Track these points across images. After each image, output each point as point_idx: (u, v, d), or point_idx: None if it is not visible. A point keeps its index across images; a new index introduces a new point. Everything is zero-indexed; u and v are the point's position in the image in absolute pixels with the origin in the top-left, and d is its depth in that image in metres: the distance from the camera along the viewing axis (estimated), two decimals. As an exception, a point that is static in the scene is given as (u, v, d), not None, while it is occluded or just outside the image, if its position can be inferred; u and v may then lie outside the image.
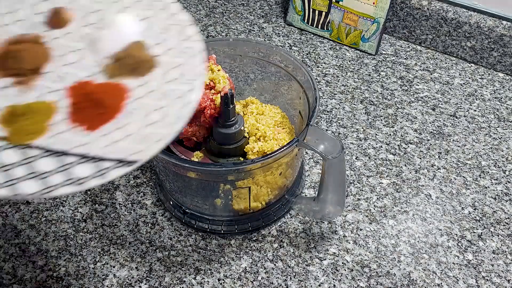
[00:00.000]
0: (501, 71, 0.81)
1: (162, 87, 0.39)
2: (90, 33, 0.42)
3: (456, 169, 0.68)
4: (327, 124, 0.73)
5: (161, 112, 0.38)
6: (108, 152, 0.36)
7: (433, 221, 0.62)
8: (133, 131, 0.37)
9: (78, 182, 0.34)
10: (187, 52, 0.41)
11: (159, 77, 0.39)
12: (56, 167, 0.35)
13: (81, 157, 0.36)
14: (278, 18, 0.91)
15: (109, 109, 0.38)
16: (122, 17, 0.42)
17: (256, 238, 0.61)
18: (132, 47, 0.41)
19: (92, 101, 0.38)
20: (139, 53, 0.40)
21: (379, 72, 0.81)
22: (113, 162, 0.35)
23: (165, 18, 0.42)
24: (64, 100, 0.38)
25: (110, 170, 0.35)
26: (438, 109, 0.76)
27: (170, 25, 0.42)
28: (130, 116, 0.38)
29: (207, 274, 0.57)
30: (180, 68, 0.40)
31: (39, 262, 0.59)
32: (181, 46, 0.41)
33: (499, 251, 0.60)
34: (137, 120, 0.37)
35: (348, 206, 0.64)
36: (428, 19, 0.82)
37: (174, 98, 0.38)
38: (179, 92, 0.38)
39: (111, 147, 0.36)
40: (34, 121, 0.37)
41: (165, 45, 0.41)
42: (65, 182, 0.34)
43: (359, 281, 0.57)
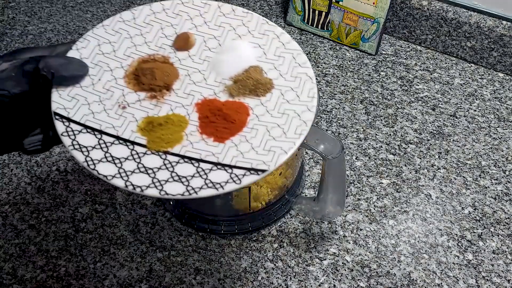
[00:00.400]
0: (501, 71, 0.81)
1: (280, 107, 0.44)
2: (211, 56, 0.48)
3: (456, 169, 0.68)
4: (327, 124, 0.73)
5: (281, 129, 0.42)
6: (238, 161, 0.40)
7: (433, 221, 0.62)
8: (257, 144, 0.42)
9: (216, 186, 0.39)
10: (300, 77, 0.46)
11: (276, 98, 0.45)
12: (195, 172, 0.40)
13: (215, 165, 0.40)
14: (278, 18, 0.91)
15: (236, 123, 0.42)
16: (240, 43, 0.48)
17: (256, 238, 0.61)
18: (251, 71, 0.46)
19: (220, 116, 0.43)
20: (258, 76, 0.45)
21: (379, 72, 0.81)
22: (244, 170, 0.40)
23: (277, 46, 0.48)
24: (193, 114, 0.44)
25: (243, 177, 0.39)
26: (438, 109, 0.76)
27: (283, 53, 0.48)
28: (254, 131, 0.42)
29: (207, 274, 0.57)
30: (295, 91, 0.45)
31: (39, 262, 0.59)
32: (294, 71, 0.46)
33: (499, 251, 0.60)
34: (260, 135, 0.42)
35: (348, 206, 0.64)
36: (428, 19, 0.82)
37: (292, 117, 0.43)
38: (295, 112, 0.43)
39: (239, 157, 0.41)
40: (171, 131, 0.42)
41: (279, 70, 0.46)
42: (204, 185, 0.39)
43: (359, 281, 0.57)
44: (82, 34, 0.86)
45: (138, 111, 0.44)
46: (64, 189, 0.65)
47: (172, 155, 0.41)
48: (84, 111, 0.43)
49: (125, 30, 0.49)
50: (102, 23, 0.49)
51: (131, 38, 0.48)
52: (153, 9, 0.50)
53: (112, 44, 0.48)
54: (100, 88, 0.45)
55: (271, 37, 0.49)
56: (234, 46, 0.48)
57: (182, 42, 0.48)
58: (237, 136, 0.42)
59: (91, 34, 0.48)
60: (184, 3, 0.51)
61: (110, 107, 0.44)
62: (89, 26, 0.88)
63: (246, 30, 0.49)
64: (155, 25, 0.50)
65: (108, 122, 0.43)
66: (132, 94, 0.45)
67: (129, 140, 0.42)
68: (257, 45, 0.48)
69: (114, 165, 0.40)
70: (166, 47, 0.48)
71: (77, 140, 0.41)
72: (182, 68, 0.47)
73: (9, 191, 0.65)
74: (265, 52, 0.48)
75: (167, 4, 0.51)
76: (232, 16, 0.50)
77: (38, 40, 0.85)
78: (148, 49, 0.48)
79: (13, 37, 0.86)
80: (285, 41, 0.48)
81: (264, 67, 0.47)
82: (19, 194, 0.65)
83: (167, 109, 0.44)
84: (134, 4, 0.93)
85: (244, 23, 0.50)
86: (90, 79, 0.45)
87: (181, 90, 0.45)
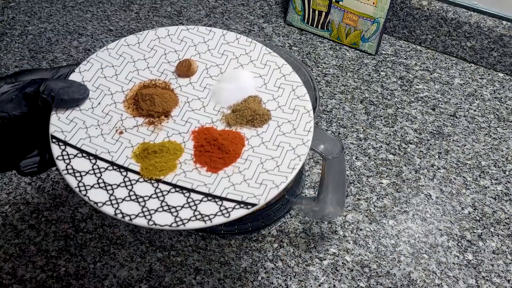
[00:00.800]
0: (501, 71, 0.81)
1: (276, 139, 0.44)
2: (211, 84, 0.48)
3: (456, 169, 0.68)
4: (327, 124, 0.73)
5: (275, 162, 0.42)
6: (228, 193, 0.40)
7: (433, 221, 0.62)
8: (250, 176, 0.42)
9: (205, 218, 0.39)
10: (298, 110, 0.46)
11: (273, 129, 0.45)
12: (185, 203, 0.40)
13: (205, 196, 0.40)
14: (278, 18, 0.91)
15: (230, 154, 0.43)
16: (241, 73, 0.48)
17: (256, 238, 0.61)
18: (250, 101, 0.46)
19: (215, 146, 0.43)
20: (256, 107, 0.46)
21: (379, 72, 0.81)
22: (234, 203, 0.40)
23: (278, 77, 0.48)
24: (189, 142, 0.44)
25: (232, 210, 0.39)
26: (438, 109, 0.76)
27: (283, 84, 0.48)
28: (247, 163, 0.43)
29: (207, 274, 0.57)
30: (292, 123, 0.45)
31: (39, 262, 0.59)
32: (293, 104, 0.47)
33: (499, 251, 0.60)
34: (254, 167, 0.42)
35: (348, 206, 0.64)
36: (428, 19, 0.82)
37: (286, 150, 0.43)
38: (291, 145, 0.44)
39: (231, 189, 0.41)
40: (165, 159, 0.42)
41: (278, 102, 0.47)
42: (192, 217, 0.39)
43: (359, 281, 0.57)
44: (82, 34, 0.86)
45: (135, 137, 0.44)
46: (64, 189, 0.65)
47: (164, 183, 0.41)
48: (81, 135, 0.43)
49: (128, 54, 0.49)
50: (107, 46, 0.49)
51: (134, 62, 0.49)
52: (158, 34, 0.51)
53: (114, 67, 0.48)
54: (99, 112, 0.45)
55: (272, 68, 0.49)
56: (235, 75, 0.48)
57: (184, 68, 0.48)
58: (231, 166, 0.42)
59: (94, 57, 0.48)
60: (189, 29, 0.52)
61: (107, 131, 0.44)
62: (89, 26, 0.88)
63: (248, 59, 0.50)
64: (158, 50, 0.50)
65: (104, 147, 0.43)
66: (130, 119, 0.45)
67: (123, 167, 0.42)
68: (258, 75, 0.49)
69: (106, 191, 0.40)
70: (168, 73, 0.49)
71: (71, 164, 0.41)
72: (182, 95, 0.47)
73: (9, 191, 0.65)
74: (265, 83, 0.48)
75: (172, 30, 0.51)
76: (236, 44, 0.51)
77: (38, 40, 0.85)
78: (150, 74, 0.48)
79: (13, 37, 0.86)
80: (286, 72, 0.49)
81: (263, 98, 0.47)
82: (19, 194, 0.65)
83: (163, 136, 0.44)
84: (134, 4, 0.93)
85: (247, 52, 0.50)
86: (90, 102, 0.45)
87: (179, 117, 0.46)
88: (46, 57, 0.82)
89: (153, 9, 0.92)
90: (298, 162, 0.42)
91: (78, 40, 0.85)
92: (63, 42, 0.85)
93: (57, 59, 0.82)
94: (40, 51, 0.83)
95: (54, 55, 0.83)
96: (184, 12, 0.91)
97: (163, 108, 0.45)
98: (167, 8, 0.92)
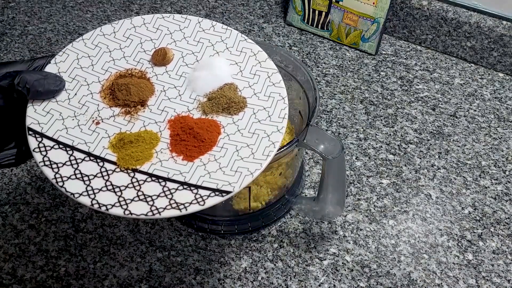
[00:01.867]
0: (501, 71, 0.81)
1: (251, 127, 0.44)
2: (187, 72, 0.48)
3: (456, 169, 0.68)
4: (327, 124, 0.73)
5: (250, 149, 0.43)
6: (204, 181, 0.41)
7: (433, 221, 0.62)
8: (225, 164, 0.42)
9: (180, 207, 0.39)
10: (273, 97, 0.46)
11: (248, 117, 0.45)
12: (160, 192, 0.40)
13: (181, 184, 0.40)
14: (278, 18, 0.91)
15: (206, 142, 0.43)
16: (217, 60, 0.48)
17: (256, 238, 0.61)
18: (226, 89, 0.46)
19: (191, 134, 0.43)
20: (232, 94, 0.46)
21: (379, 72, 0.81)
22: (209, 191, 0.40)
23: (253, 64, 0.48)
24: (165, 131, 0.44)
25: (207, 198, 0.40)
26: (438, 109, 0.76)
27: (258, 71, 0.48)
28: (223, 151, 0.43)
29: (207, 274, 0.57)
30: (267, 110, 0.45)
31: (39, 262, 0.59)
32: (268, 91, 0.47)
33: (499, 251, 0.60)
34: (229, 155, 0.42)
35: (348, 206, 0.64)
36: (428, 19, 0.82)
37: (261, 137, 0.44)
38: (266, 132, 0.44)
39: (206, 177, 0.41)
40: (141, 149, 0.42)
41: (253, 89, 0.47)
42: (168, 206, 0.39)
43: (359, 281, 0.57)
44: (82, 34, 0.86)
45: (111, 127, 0.44)
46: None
47: (140, 173, 0.41)
48: (58, 126, 0.43)
49: (104, 44, 0.49)
50: (82, 37, 0.49)
51: (110, 52, 0.49)
52: (134, 23, 0.51)
53: (90, 58, 0.48)
54: (76, 103, 0.45)
55: (248, 55, 0.49)
56: (211, 63, 0.48)
57: (159, 57, 0.48)
58: (206, 155, 0.43)
59: (70, 48, 0.48)
60: (165, 18, 0.51)
61: (84, 122, 0.44)
62: (89, 26, 0.88)
63: (224, 46, 0.50)
64: (134, 39, 0.50)
65: (80, 138, 0.43)
66: (106, 109, 0.45)
67: (100, 157, 0.42)
68: (234, 62, 0.49)
69: (83, 182, 0.40)
70: (144, 62, 0.49)
71: (48, 156, 0.41)
72: (159, 84, 0.47)
73: (9, 191, 0.65)
74: (241, 70, 0.48)
75: (148, 18, 0.51)
76: (212, 31, 0.51)
77: (38, 40, 0.85)
78: (126, 63, 0.48)
79: (13, 37, 0.86)
80: (261, 59, 0.49)
81: (239, 85, 0.47)
82: (19, 194, 0.65)
83: (140, 125, 0.44)
84: (134, 4, 0.93)
85: (222, 40, 0.50)
86: (66, 93, 0.45)
87: (155, 106, 0.46)
88: (46, 57, 0.82)
89: (153, 9, 0.92)
90: (273, 149, 0.43)
91: (78, 40, 0.85)
92: (63, 42, 0.85)
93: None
94: (40, 51, 0.83)
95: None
96: (184, 12, 0.91)
97: (139, 97, 0.45)
98: (167, 8, 0.92)
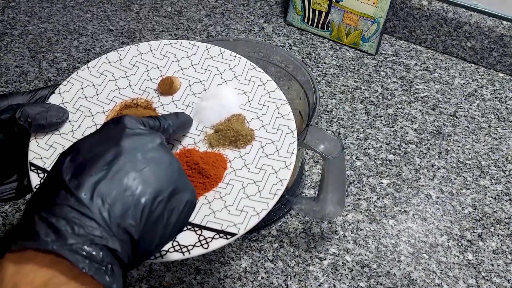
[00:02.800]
0: (501, 71, 0.81)
1: (258, 161, 0.43)
2: (195, 102, 0.47)
3: (456, 169, 0.68)
4: (327, 124, 0.73)
5: (257, 187, 0.41)
6: (208, 221, 0.39)
7: (433, 221, 0.62)
8: (231, 203, 0.40)
9: (183, 250, 0.38)
10: (281, 130, 0.45)
11: (255, 151, 0.44)
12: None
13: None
14: (278, 18, 0.91)
15: (211, 179, 0.41)
16: (225, 90, 0.47)
17: (256, 238, 0.61)
18: (233, 120, 0.45)
19: (196, 170, 0.42)
20: (239, 126, 0.44)
21: (379, 72, 0.81)
22: (214, 232, 0.39)
23: (262, 94, 0.47)
24: None
25: (211, 240, 0.38)
26: (438, 109, 0.76)
27: (267, 102, 0.47)
28: (229, 187, 0.41)
29: (207, 274, 0.57)
30: (275, 144, 0.44)
31: (39, 262, 0.58)
32: (276, 123, 0.45)
33: (499, 251, 0.60)
34: (235, 192, 0.41)
35: (348, 206, 0.64)
36: (428, 19, 0.82)
37: (269, 173, 0.42)
38: (273, 168, 0.42)
39: (211, 217, 0.40)
40: None
41: (262, 121, 0.45)
42: (171, 248, 0.38)
43: (359, 281, 0.57)
44: (82, 34, 0.86)
45: None
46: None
47: None
48: None
49: (110, 72, 0.48)
50: (87, 65, 0.48)
51: (115, 80, 0.47)
52: (140, 50, 0.49)
53: (95, 87, 0.47)
54: (79, 135, 0.43)
55: (257, 84, 0.48)
56: (219, 93, 0.47)
57: (166, 86, 0.47)
58: (212, 192, 0.41)
59: (75, 76, 0.47)
60: (172, 44, 0.50)
61: None
62: (89, 26, 0.88)
63: (232, 75, 0.48)
64: (140, 66, 0.48)
65: None
66: None
67: None
68: (242, 91, 0.47)
69: None
70: (151, 91, 0.47)
71: None
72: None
73: (9, 191, 0.65)
74: (249, 100, 0.47)
75: (155, 45, 0.50)
76: (220, 59, 0.49)
77: (38, 40, 0.85)
78: (131, 92, 0.47)
79: (13, 37, 0.86)
80: (270, 89, 0.47)
81: (247, 116, 0.46)
82: (19, 194, 0.65)
83: None
84: (134, 4, 0.93)
85: (231, 68, 0.49)
86: (70, 125, 0.44)
87: None
88: (46, 57, 0.82)
89: (153, 9, 0.92)
90: (280, 187, 0.41)
91: (78, 40, 0.85)
92: (63, 42, 0.85)
93: (57, 59, 0.82)
94: (40, 51, 0.83)
95: (54, 55, 0.83)
96: (184, 12, 0.91)
97: None
98: (167, 8, 0.92)
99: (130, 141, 0.32)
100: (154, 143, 0.33)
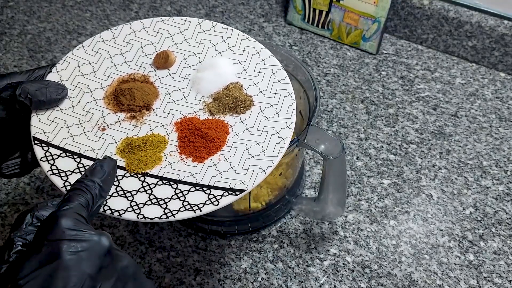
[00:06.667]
0: (503, 71, 0.81)
1: (260, 124, 0.44)
2: (191, 74, 0.48)
3: (458, 169, 0.68)
4: (328, 124, 0.73)
5: (260, 147, 0.42)
6: (216, 181, 0.40)
7: (434, 221, 0.62)
8: (236, 163, 0.42)
9: (194, 208, 0.39)
10: (279, 93, 0.46)
11: (256, 115, 0.45)
12: (173, 194, 0.40)
13: (193, 186, 0.40)
14: (279, 17, 0.90)
15: (215, 142, 0.42)
16: (220, 60, 0.48)
17: (256, 239, 0.60)
18: (231, 88, 0.46)
19: (199, 135, 0.43)
20: (237, 93, 0.45)
21: (380, 71, 0.81)
22: (222, 190, 0.40)
23: (257, 62, 0.48)
24: (173, 134, 0.43)
25: (221, 198, 0.39)
26: (439, 109, 0.75)
27: (263, 69, 0.48)
28: (233, 150, 0.42)
29: (207, 275, 0.57)
30: (274, 107, 0.45)
31: (38, 262, 0.58)
32: (274, 88, 0.46)
33: (500, 251, 0.60)
34: (239, 154, 0.42)
35: (349, 207, 0.63)
36: (429, 19, 0.82)
37: (271, 134, 0.43)
38: (275, 129, 0.43)
39: (218, 177, 0.41)
40: (150, 152, 0.42)
41: (259, 87, 0.47)
42: (182, 208, 0.39)
43: (360, 282, 0.56)
44: (82, 34, 0.86)
45: (118, 132, 0.44)
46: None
47: (150, 177, 0.41)
48: (64, 135, 0.43)
49: (105, 50, 0.49)
50: (82, 44, 0.49)
51: (111, 58, 0.48)
52: (133, 28, 0.50)
53: (92, 65, 0.48)
54: (80, 110, 0.45)
55: (251, 53, 0.49)
56: (214, 63, 0.48)
57: (162, 60, 0.48)
58: (216, 155, 0.42)
59: (70, 55, 0.48)
60: (164, 21, 0.51)
61: (89, 129, 0.44)
62: (88, 26, 0.88)
63: (226, 46, 0.50)
64: (135, 43, 0.50)
65: (87, 145, 0.43)
66: (111, 115, 0.45)
67: None
68: (237, 61, 0.48)
69: None
70: (146, 66, 0.48)
71: (56, 164, 0.41)
72: (162, 87, 0.47)
73: (8, 192, 0.65)
74: (245, 69, 0.48)
75: (147, 22, 0.51)
76: (212, 32, 0.50)
77: (37, 39, 0.85)
78: (128, 68, 0.48)
79: (12, 37, 0.85)
80: (264, 57, 0.48)
81: (244, 84, 0.47)
82: (18, 194, 0.64)
83: (146, 129, 0.44)
84: (134, 3, 0.92)
85: (224, 39, 0.50)
86: (69, 101, 0.45)
87: (161, 109, 0.45)
88: (45, 56, 0.82)
89: (152, 8, 0.91)
90: (283, 145, 0.42)
91: (78, 39, 0.85)
92: (62, 41, 0.85)
93: (56, 58, 0.82)
94: (39, 51, 0.83)
95: (53, 54, 0.82)
96: (184, 11, 0.91)
97: (144, 101, 0.45)
98: (166, 7, 0.92)
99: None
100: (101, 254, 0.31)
